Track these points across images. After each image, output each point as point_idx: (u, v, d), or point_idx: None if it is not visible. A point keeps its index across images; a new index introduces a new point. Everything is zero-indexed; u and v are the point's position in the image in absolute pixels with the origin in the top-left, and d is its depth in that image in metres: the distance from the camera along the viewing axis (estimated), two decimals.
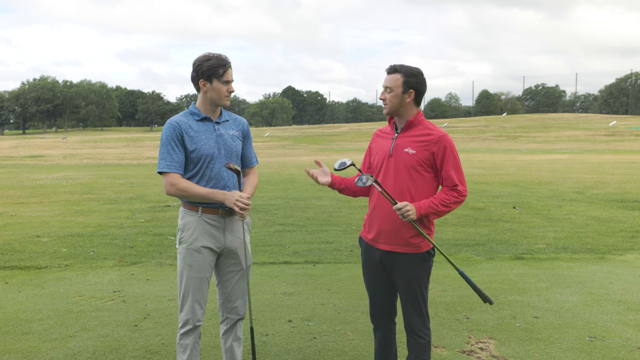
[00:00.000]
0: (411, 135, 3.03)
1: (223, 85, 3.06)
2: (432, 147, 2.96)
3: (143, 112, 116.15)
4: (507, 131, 52.56)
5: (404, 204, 2.89)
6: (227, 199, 3.02)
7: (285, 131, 66.59)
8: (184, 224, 3.13)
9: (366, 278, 3.25)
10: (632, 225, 9.06)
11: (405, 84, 2.99)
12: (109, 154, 35.58)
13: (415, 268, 3.02)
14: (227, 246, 3.17)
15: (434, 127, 3.04)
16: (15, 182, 17.28)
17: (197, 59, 3.07)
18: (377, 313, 3.24)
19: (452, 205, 2.97)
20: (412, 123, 3.04)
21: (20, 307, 5.00)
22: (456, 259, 6.89)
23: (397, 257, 3.02)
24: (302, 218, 9.86)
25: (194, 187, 3.05)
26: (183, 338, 3.14)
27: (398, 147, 3.03)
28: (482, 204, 11.39)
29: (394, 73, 3.02)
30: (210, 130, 3.11)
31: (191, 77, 3.11)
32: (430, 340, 3.10)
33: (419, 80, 3.02)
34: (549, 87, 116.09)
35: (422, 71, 3.04)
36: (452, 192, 2.97)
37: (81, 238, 8.23)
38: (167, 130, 3.06)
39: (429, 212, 2.93)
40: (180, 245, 3.14)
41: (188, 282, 3.10)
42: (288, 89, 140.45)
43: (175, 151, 3.05)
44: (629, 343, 4.11)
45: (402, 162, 3.00)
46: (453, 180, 2.96)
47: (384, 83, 3.05)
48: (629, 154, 28.71)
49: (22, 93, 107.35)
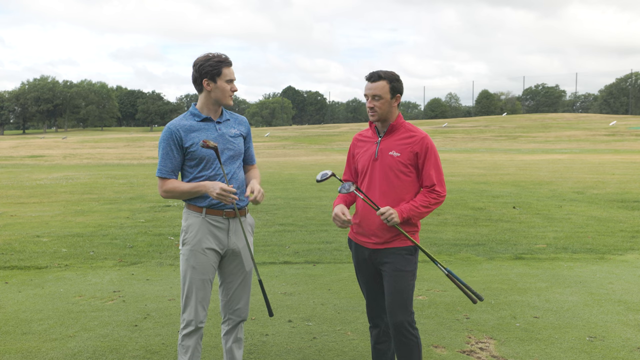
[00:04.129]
0: (395, 138, 3.12)
1: (227, 84, 3.06)
2: (415, 147, 3.06)
3: (143, 112, 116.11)
4: (507, 131, 52.55)
5: (387, 208, 2.98)
6: (209, 190, 3.00)
7: (285, 131, 66.57)
8: (188, 225, 3.12)
9: (359, 277, 3.31)
10: (632, 225, 9.06)
11: (392, 89, 3.08)
12: (109, 154, 35.59)
13: (402, 260, 3.07)
14: (230, 247, 3.16)
15: (415, 129, 3.14)
16: (15, 182, 17.28)
17: (198, 59, 3.05)
18: (373, 311, 3.28)
19: (432, 206, 3.08)
20: (395, 126, 3.13)
21: (20, 307, 5.00)
22: (456, 258, 6.89)
23: (385, 252, 3.09)
24: (302, 218, 9.86)
25: (179, 185, 3.06)
26: (185, 339, 3.13)
27: (383, 150, 3.11)
28: (482, 204, 11.39)
29: (379, 80, 3.06)
30: (212, 130, 3.10)
31: (193, 78, 3.08)
32: (419, 341, 3.07)
33: (400, 84, 3.13)
34: (549, 87, 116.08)
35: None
36: (431, 194, 3.07)
37: (81, 238, 8.23)
38: (164, 135, 3.06)
39: (410, 214, 3.03)
40: (183, 247, 3.12)
41: (191, 284, 3.09)
42: (288, 89, 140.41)
43: (170, 156, 3.05)
44: (629, 343, 4.11)
45: (387, 165, 3.08)
46: (432, 180, 3.07)
47: (370, 92, 3.08)
48: (629, 154, 28.71)
49: (22, 93, 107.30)
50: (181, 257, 3.15)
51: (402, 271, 3.05)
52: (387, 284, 3.09)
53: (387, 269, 3.08)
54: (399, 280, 3.05)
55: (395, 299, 3.05)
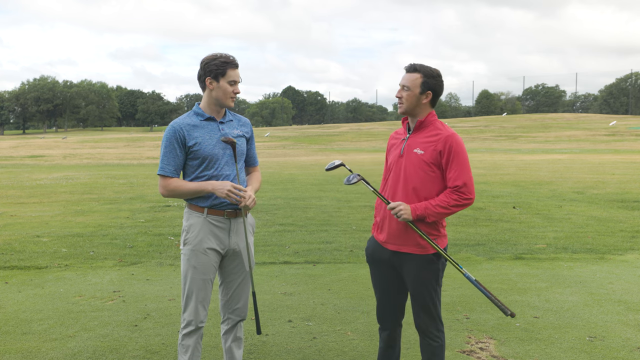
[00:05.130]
0: (421, 135, 3.01)
1: (229, 85, 3.06)
2: (438, 146, 2.93)
3: (143, 112, 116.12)
4: (507, 131, 52.56)
5: (397, 203, 2.90)
6: (217, 189, 2.99)
7: (285, 131, 66.57)
8: (189, 225, 3.12)
9: (374, 278, 3.22)
10: (632, 225, 9.06)
11: (423, 84, 2.96)
12: (109, 154, 35.59)
13: (423, 270, 2.99)
14: (231, 247, 3.16)
15: (443, 127, 3.00)
16: (15, 182, 17.28)
17: (206, 58, 3.08)
18: (385, 313, 3.22)
19: (453, 208, 2.90)
20: (423, 124, 3.02)
21: (20, 307, 5.00)
22: (456, 258, 6.89)
23: (405, 258, 3.02)
24: (302, 218, 9.86)
25: (183, 185, 3.06)
26: (185, 339, 3.14)
27: (408, 147, 3.02)
28: (482, 204, 11.39)
29: (413, 72, 2.98)
30: (215, 130, 3.11)
31: (198, 75, 3.11)
32: (443, 343, 3.07)
33: (438, 82, 2.98)
34: (549, 87, 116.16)
35: (440, 73, 3.01)
36: (452, 195, 2.91)
37: (81, 238, 8.23)
38: (168, 133, 3.06)
39: (425, 213, 2.89)
40: (185, 247, 3.12)
41: (192, 284, 3.09)
42: (288, 89, 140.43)
43: (173, 155, 3.05)
44: (629, 343, 4.11)
45: (411, 163, 2.98)
46: (456, 181, 2.91)
47: (402, 81, 3.00)
48: (629, 154, 28.71)
49: (22, 93, 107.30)
50: (182, 257, 3.15)
51: (424, 280, 3.00)
52: (410, 291, 3.06)
53: (409, 277, 3.03)
54: (421, 289, 3.01)
55: (419, 306, 3.04)
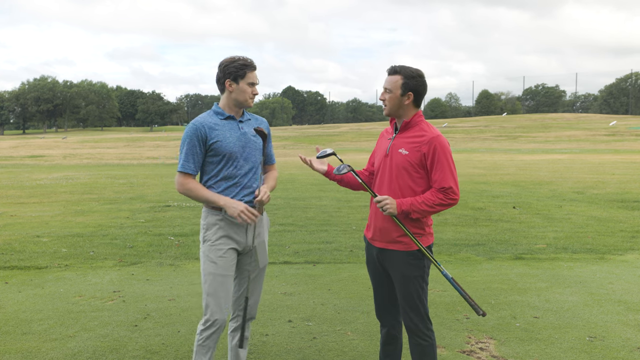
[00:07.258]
0: (406, 136, 3.03)
1: (248, 86, 3.12)
2: (422, 147, 2.93)
3: (143, 112, 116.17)
4: (507, 131, 52.57)
5: (384, 197, 2.92)
6: (229, 207, 3.01)
7: (285, 131, 66.58)
8: (207, 223, 3.14)
9: (370, 275, 3.28)
10: (632, 225, 9.06)
11: (404, 85, 2.98)
12: (109, 154, 35.59)
13: (408, 266, 3.00)
14: (248, 245, 3.18)
15: (429, 128, 3.01)
16: (15, 182, 17.28)
17: (224, 60, 3.14)
18: (380, 310, 3.26)
19: (437, 206, 2.90)
20: (409, 124, 3.04)
21: (20, 307, 5.00)
22: (456, 258, 6.89)
23: (390, 255, 3.04)
24: (302, 218, 9.86)
25: (199, 189, 3.08)
26: (207, 340, 3.07)
27: (394, 147, 3.05)
28: (482, 204, 11.39)
29: (394, 74, 3.01)
30: (235, 129, 3.15)
31: (217, 78, 3.15)
32: (434, 342, 3.05)
33: (419, 82, 3.00)
34: (549, 87, 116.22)
35: (422, 73, 3.02)
36: (438, 194, 2.90)
37: (81, 238, 8.23)
38: (189, 130, 3.08)
39: (410, 209, 2.90)
40: (204, 244, 3.14)
41: (214, 282, 3.07)
42: (288, 89, 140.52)
43: (193, 152, 3.07)
44: (629, 343, 4.11)
45: (395, 163, 3.01)
46: (440, 182, 2.91)
47: (384, 84, 3.05)
48: (629, 154, 28.72)
49: (22, 93, 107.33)
50: (201, 254, 3.16)
51: (409, 277, 3.00)
52: (397, 289, 3.07)
53: (395, 275, 3.04)
54: (407, 286, 3.00)
55: (406, 304, 3.03)
